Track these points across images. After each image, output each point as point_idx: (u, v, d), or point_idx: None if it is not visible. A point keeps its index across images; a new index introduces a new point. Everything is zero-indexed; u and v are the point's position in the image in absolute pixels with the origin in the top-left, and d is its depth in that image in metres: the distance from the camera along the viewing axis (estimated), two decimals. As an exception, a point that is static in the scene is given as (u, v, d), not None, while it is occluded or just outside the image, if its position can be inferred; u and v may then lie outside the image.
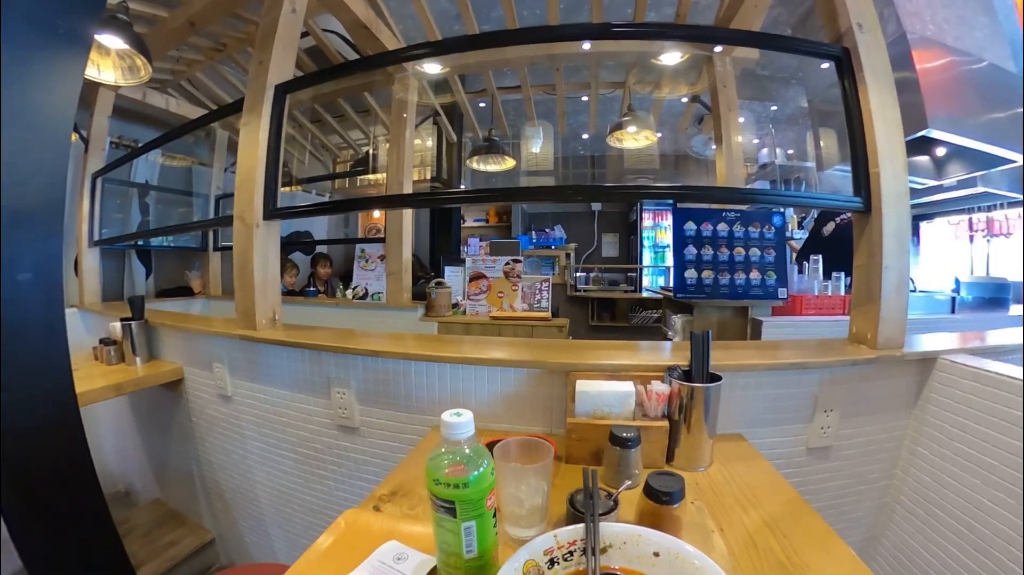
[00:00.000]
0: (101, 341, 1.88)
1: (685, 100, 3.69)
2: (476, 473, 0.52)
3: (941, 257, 5.46)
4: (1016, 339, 1.35)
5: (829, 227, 3.12)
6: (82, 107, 2.69)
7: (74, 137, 2.71)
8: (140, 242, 3.47)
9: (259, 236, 1.54)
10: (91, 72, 1.81)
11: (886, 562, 1.25)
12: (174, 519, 1.98)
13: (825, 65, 2.67)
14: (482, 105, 4.19)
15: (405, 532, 0.70)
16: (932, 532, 1.12)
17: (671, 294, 2.50)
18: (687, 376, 0.96)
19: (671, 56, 2.56)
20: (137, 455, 2.21)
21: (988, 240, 4.91)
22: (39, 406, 1.07)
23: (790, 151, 4.97)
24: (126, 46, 1.72)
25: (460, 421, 0.54)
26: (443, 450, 0.54)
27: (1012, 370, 1.01)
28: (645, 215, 6.56)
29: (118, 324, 1.84)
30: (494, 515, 0.56)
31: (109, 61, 1.86)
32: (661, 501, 0.63)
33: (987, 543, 0.99)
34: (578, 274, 6.41)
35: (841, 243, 2.74)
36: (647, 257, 6.60)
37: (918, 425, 1.21)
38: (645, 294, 6.22)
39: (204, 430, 1.75)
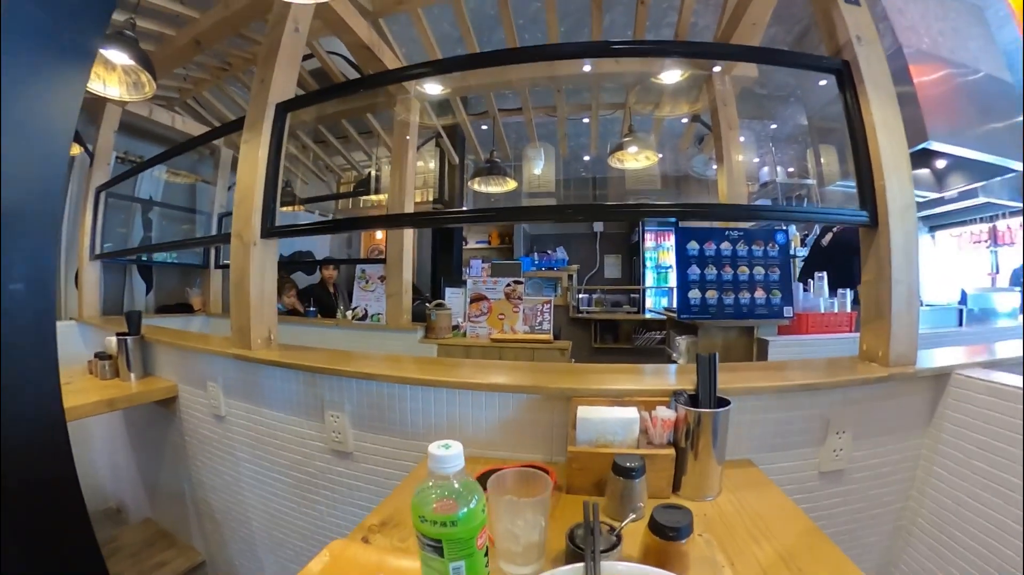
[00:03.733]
0: (96, 355, 1.86)
1: (685, 121, 3.70)
2: (466, 510, 0.49)
3: (946, 269, 5.42)
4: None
5: (827, 238, 3.10)
6: (89, 121, 2.73)
7: (79, 150, 2.73)
8: (143, 257, 3.47)
9: (256, 254, 1.53)
10: (96, 87, 1.82)
11: (903, 589, 1.19)
12: (164, 539, 1.93)
13: (823, 82, 2.67)
14: (484, 127, 4.22)
15: (394, 567, 0.66)
16: (952, 555, 1.07)
17: (675, 315, 2.46)
18: (693, 401, 0.92)
19: (671, 74, 2.57)
20: (130, 472, 2.18)
21: (992, 251, 4.87)
22: (24, 421, 1.04)
23: (791, 169, 4.97)
24: (131, 62, 1.73)
25: (449, 454, 0.50)
26: (430, 484, 0.50)
27: (1030, 382, 0.97)
28: (647, 236, 6.54)
29: (114, 339, 1.81)
30: (486, 554, 0.52)
31: (115, 76, 1.88)
32: (667, 537, 0.59)
33: (1011, 565, 0.94)
34: (580, 295, 6.36)
35: (841, 249, 2.73)
36: (649, 278, 6.55)
37: (934, 444, 1.16)
38: (648, 315, 6.16)
39: (196, 449, 1.71)
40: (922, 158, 2.74)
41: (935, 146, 2.41)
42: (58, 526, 1.13)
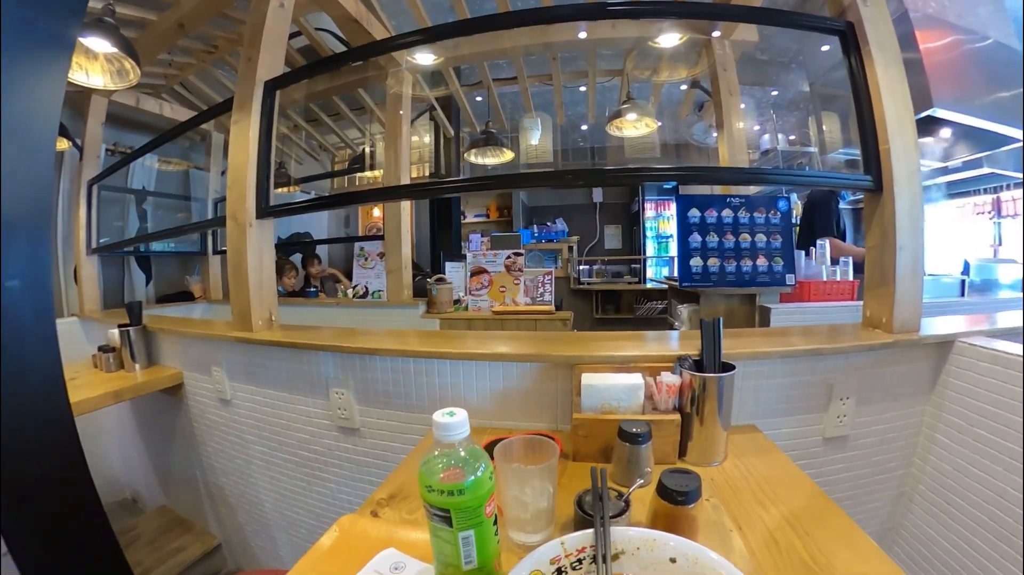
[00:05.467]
0: (100, 348, 1.86)
1: (685, 87, 3.62)
2: (473, 478, 0.48)
3: (948, 240, 5.39)
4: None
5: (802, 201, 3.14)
6: (76, 114, 2.67)
7: (68, 145, 2.68)
8: (140, 248, 3.44)
9: (252, 236, 1.51)
10: (79, 77, 1.78)
11: (904, 553, 1.21)
12: (180, 525, 1.97)
13: (826, 47, 2.58)
14: (479, 98, 4.13)
15: (403, 539, 0.66)
16: (952, 521, 1.09)
17: (676, 284, 2.45)
18: (698, 366, 0.92)
19: (669, 38, 2.50)
20: (142, 462, 2.20)
21: (996, 222, 4.83)
22: (31, 418, 1.04)
23: (792, 136, 4.89)
24: (113, 49, 1.68)
25: (453, 421, 0.49)
26: (436, 453, 0.50)
27: (1032, 351, 0.97)
28: (647, 205, 6.50)
29: (116, 331, 1.81)
30: (495, 522, 0.52)
31: (97, 65, 1.83)
32: (676, 502, 0.58)
33: (1010, 532, 0.95)
34: (581, 267, 6.35)
35: (812, 202, 2.77)
36: (650, 247, 6.55)
37: (936, 411, 1.17)
38: (650, 285, 6.15)
39: (205, 435, 1.72)
40: (927, 126, 2.68)
41: (940, 113, 2.35)
42: (74, 521, 1.14)
